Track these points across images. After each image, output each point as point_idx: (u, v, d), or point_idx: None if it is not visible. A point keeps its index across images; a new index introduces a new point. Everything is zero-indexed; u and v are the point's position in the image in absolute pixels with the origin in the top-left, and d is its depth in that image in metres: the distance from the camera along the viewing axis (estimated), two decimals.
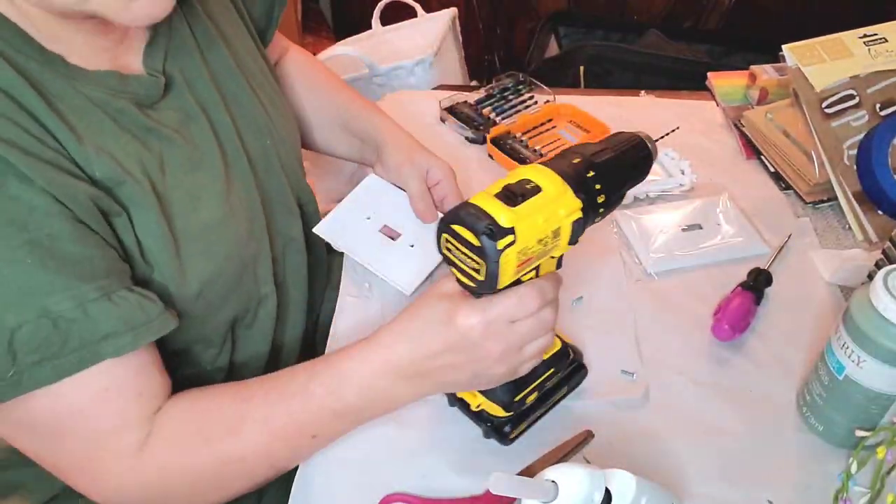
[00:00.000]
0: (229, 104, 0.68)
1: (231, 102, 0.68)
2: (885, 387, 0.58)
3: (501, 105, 1.06)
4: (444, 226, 0.51)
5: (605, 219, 0.58)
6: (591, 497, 0.46)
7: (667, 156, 0.96)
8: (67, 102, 0.54)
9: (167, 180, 0.59)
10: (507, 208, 0.49)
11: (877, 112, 0.90)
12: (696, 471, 0.62)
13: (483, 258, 0.49)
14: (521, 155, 0.96)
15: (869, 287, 0.57)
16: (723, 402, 0.68)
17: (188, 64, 0.65)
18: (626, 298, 0.78)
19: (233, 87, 0.69)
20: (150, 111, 0.60)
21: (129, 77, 0.59)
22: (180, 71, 0.64)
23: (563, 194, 0.52)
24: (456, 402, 0.65)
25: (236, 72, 0.69)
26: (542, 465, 0.61)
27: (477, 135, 1.00)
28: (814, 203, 0.91)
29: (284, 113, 0.77)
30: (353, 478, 0.62)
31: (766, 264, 0.79)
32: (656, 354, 0.73)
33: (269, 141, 0.72)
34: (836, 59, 0.91)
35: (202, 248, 0.61)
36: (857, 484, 0.57)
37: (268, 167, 0.72)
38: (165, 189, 0.59)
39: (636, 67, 1.59)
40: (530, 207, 0.51)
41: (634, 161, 0.59)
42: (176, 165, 0.61)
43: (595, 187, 0.54)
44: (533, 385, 0.62)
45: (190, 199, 0.61)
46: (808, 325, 0.75)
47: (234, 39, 0.72)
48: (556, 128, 1.02)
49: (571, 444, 0.63)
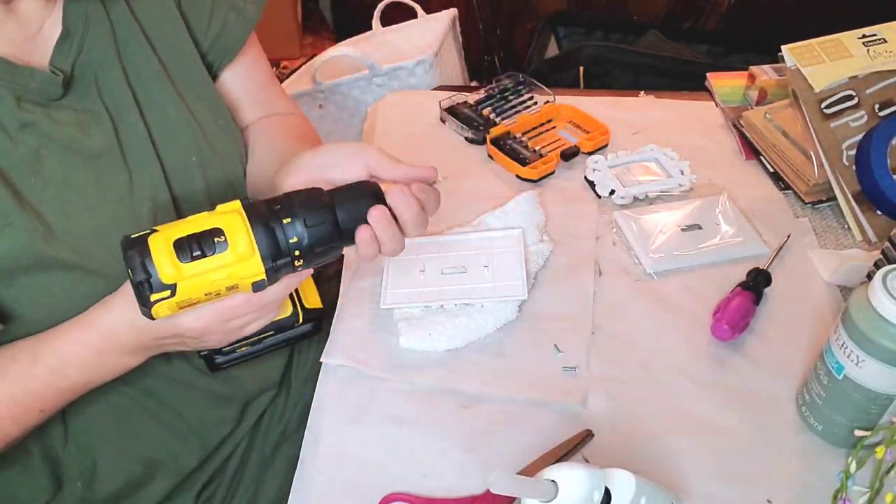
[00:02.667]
0: (147, 112, 0.66)
1: (151, 111, 0.66)
2: (884, 387, 0.58)
3: (501, 105, 1.06)
4: (123, 249, 0.50)
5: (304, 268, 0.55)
6: (590, 496, 0.46)
7: (666, 156, 0.97)
8: None
9: (40, 180, 0.57)
10: (176, 262, 0.49)
11: (876, 112, 0.90)
12: (696, 470, 0.62)
13: (138, 298, 0.50)
14: (521, 155, 0.96)
15: (868, 287, 0.57)
16: (722, 402, 0.68)
17: (103, 65, 0.63)
18: (589, 306, 0.77)
19: (158, 97, 0.66)
20: (34, 106, 0.58)
21: (22, 69, 0.57)
22: (92, 71, 0.62)
23: (248, 260, 0.51)
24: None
25: (165, 83, 0.67)
26: (541, 464, 0.61)
27: (477, 135, 1.01)
28: (813, 203, 0.91)
29: (228, 131, 0.74)
30: (352, 478, 0.62)
31: (766, 264, 0.79)
32: (656, 354, 0.73)
33: (196, 158, 0.68)
34: (835, 59, 0.91)
35: (68, 252, 0.58)
36: (856, 483, 0.57)
37: (188, 182, 0.68)
38: (39, 188, 0.57)
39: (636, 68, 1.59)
40: (202, 266, 0.50)
41: (354, 214, 0.56)
42: (56, 167, 0.58)
43: (290, 240, 0.53)
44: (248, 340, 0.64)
45: (62, 204, 0.58)
46: (808, 325, 0.75)
47: (171, 53, 0.69)
48: (556, 128, 1.02)
49: (571, 443, 0.64)
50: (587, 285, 0.80)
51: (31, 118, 0.57)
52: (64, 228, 0.58)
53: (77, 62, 0.61)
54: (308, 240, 0.54)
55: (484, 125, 1.02)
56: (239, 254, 0.51)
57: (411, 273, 0.79)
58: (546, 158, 0.95)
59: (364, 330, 0.74)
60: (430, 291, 0.76)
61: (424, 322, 0.74)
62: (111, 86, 0.63)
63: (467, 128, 1.01)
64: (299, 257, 0.54)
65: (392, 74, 1.36)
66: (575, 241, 0.85)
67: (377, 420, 0.67)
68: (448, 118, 1.04)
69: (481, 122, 1.03)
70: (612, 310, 0.77)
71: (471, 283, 0.77)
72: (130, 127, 0.64)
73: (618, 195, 0.91)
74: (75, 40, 0.61)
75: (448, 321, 0.74)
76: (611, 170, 0.94)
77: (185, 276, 0.49)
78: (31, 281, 0.58)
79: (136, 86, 0.66)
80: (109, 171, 0.62)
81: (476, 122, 1.03)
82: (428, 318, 0.74)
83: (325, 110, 1.40)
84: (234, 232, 0.51)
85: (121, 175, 0.63)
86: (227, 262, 0.51)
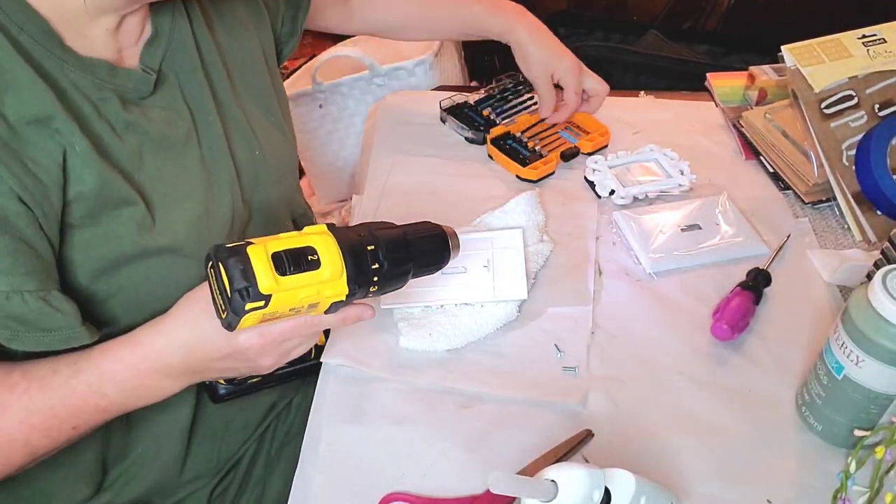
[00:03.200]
0: (221, 113, 0.68)
1: (224, 112, 0.69)
2: (883, 387, 0.58)
3: (501, 105, 1.06)
4: (215, 258, 0.51)
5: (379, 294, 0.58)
6: (590, 496, 0.46)
7: (666, 156, 0.97)
8: (55, 83, 0.54)
9: (143, 175, 0.60)
10: (273, 275, 0.50)
11: (875, 113, 0.90)
12: (696, 470, 0.63)
13: (229, 307, 0.51)
14: (520, 155, 0.96)
15: (867, 287, 0.57)
16: (722, 402, 0.68)
17: (185, 67, 0.66)
18: (589, 301, 0.78)
19: (223, 97, 0.69)
20: (133, 106, 0.60)
21: (120, 70, 0.59)
22: (176, 72, 0.65)
23: (337, 279, 0.53)
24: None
25: (225, 82, 0.70)
26: (541, 464, 0.61)
27: (477, 135, 1.01)
28: (812, 203, 0.91)
29: (281, 129, 0.77)
30: (353, 478, 0.62)
31: (766, 264, 0.79)
32: (656, 354, 0.73)
33: (258, 152, 0.72)
34: (834, 59, 0.91)
35: (167, 241, 0.61)
36: (855, 483, 0.57)
37: (256, 177, 0.72)
38: (143, 183, 0.60)
39: (636, 68, 1.59)
40: (298, 281, 0.51)
41: (426, 250, 0.60)
42: (152, 162, 0.61)
43: (372, 266, 0.55)
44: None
45: (160, 197, 0.61)
46: (807, 325, 0.76)
47: (233, 54, 0.72)
48: (556, 128, 1.02)
49: (571, 443, 0.64)
50: (587, 285, 0.80)
51: (133, 118, 0.60)
52: (164, 220, 0.61)
53: (164, 62, 0.64)
54: (387, 269, 0.56)
55: (484, 125, 1.02)
56: (330, 273, 0.53)
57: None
58: (546, 159, 0.95)
59: (364, 330, 0.74)
60: (430, 291, 0.76)
61: (424, 322, 0.74)
62: (194, 87, 0.66)
63: (467, 128, 1.01)
64: (376, 283, 0.56)
65: (392, 74, 1.36)
66: (575, 242, 0.85)
67: (377, 420, 0.67)
68: (448, 118, 1.04)
69: (481, 122, 1.03)
70: (612, 310, 0.77)
71: (471, 283, 0.77)
72: (209, 126, 0.67)
73: (618, 195, 0.91)
74: (162, 41, 0.63)
75: (448, 321, 0.74)
76: (611, 170, 0.94)
77: (281, 288, 0.50)
78: (133, 271, 0.60)
79: (215, 88, 0.68)
80: (192, 166, 0.64)
81: (476, 123, 1.03)
82: (428, 319, 0.74)
83: (325, 110, 1.40)
84: (327, 252, 0.53)
85: (202, 170, 0.65)
86: (319, 279, 0.52)
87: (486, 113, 1.04)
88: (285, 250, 0.51)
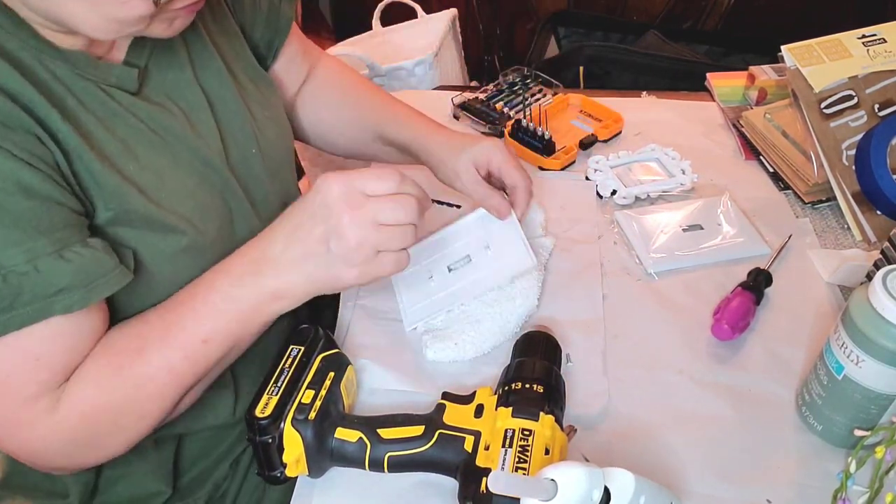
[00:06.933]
0: (216, 109, 0.68)
1: (218, 107, 0.69)
2: (883, 387, 0.58)
3: (512, 99, 1.05)
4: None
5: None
6: (590, 495, 0.46)
7: (667, 156, 0.97)
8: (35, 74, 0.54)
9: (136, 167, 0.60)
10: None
11: (875, 113, 0.90)
12: (695, 469, 0.63)
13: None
14: (541, 146, 0.95)
15: (868, 287, 0.57)
16: (722, 402, 0.68)
17: (173, 65, 0.65)
18: (600, 310, 0.77)
19: (221, 94, 0.69)
20: (118, 101, 0.60)
21: (101, 63, 0.59)
22: (162, 70, 0.65)
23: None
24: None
25: (227, 80, 0.70)
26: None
27: (494, 129, 1.00)
28: (813, 203, 0.91)
29: (278, 123, 0.77)
30: (353, 478, 0.62)
31: (766, 264, 0.79)
32: (656, 354, 0.73)
33: (255, 149, 0.72)
34: (834, 59, 0.91)
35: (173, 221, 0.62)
36: (855, 483, 0.57)
37: (252, 171, 0.72)
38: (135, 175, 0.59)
39: (636, 68, 1.59)
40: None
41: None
42: (145, 155, 0.61)
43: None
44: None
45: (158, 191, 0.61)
46: (808, 324, 0.76)
47: (227, 50, 0.72)
48: (568, 118, 1.02)
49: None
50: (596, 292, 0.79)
51: (119, 109, 0.60)
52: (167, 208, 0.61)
53: (150, 60, 0.64)
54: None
55: (499, 119, 1.01)
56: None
57: (421, 284, 0.78)
58: (567, 148, 0.95)
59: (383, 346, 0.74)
60: (446, 295, 0.76)
61: (449, 332, 0.73)
62: (182, 85, 0.66)
63: (483, 122, 1.01)
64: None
65: (392, 74, 1.36)
66: (578, 246, 0.85)
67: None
68: (462, 114, 1.03)
69: (496, 116, 1.02)
70: (612, 309, 0.77)
71: (480, 269, 0.76)
72: (204, 124, 0.67)
73: (619, 195, 0.91)
74: (148, 41, 0.63)
75: (472, 328, 0.72)
76: (612, 170, 0.95)
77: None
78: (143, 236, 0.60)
79: (207, 86, 0.68)
80: (185, 161, 0.64)
81: (491, 117, 1.02)
82: (452, 328, 0.73)
83: None
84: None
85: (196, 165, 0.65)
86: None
87: (499, 107, 1.04)
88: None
